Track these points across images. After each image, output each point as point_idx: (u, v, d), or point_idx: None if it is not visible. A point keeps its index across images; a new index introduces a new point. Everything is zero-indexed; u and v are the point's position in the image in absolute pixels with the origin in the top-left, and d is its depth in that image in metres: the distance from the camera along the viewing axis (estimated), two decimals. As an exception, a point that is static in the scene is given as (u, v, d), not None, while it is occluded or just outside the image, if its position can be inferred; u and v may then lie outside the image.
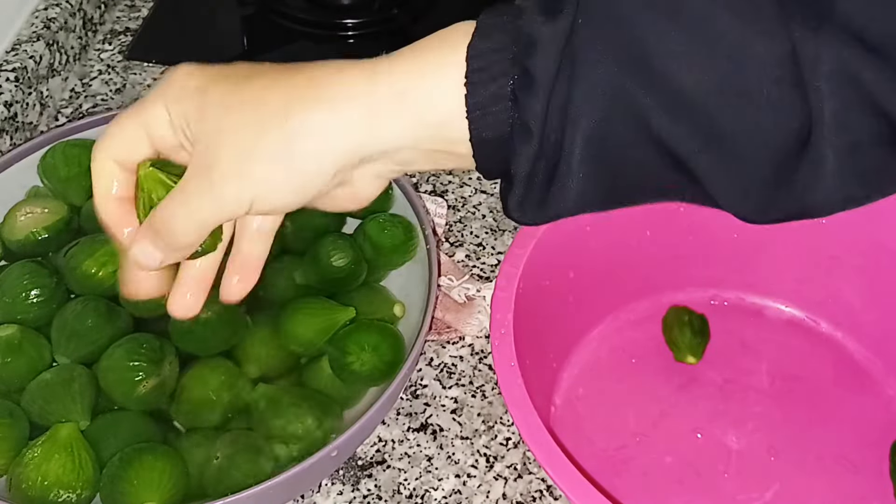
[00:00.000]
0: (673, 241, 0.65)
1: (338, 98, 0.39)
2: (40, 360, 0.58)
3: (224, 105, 0.40)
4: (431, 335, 0.66)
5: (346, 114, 0.39)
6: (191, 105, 0.41)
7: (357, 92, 0.39)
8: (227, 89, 0.40)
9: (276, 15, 0.91)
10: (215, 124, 0.40)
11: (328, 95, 0.39)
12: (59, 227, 0.64)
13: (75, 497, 0.52)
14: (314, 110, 0.39)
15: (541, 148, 0.36)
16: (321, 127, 0.39)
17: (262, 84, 0.40)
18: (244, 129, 0.39)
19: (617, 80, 0.35)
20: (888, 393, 0.64)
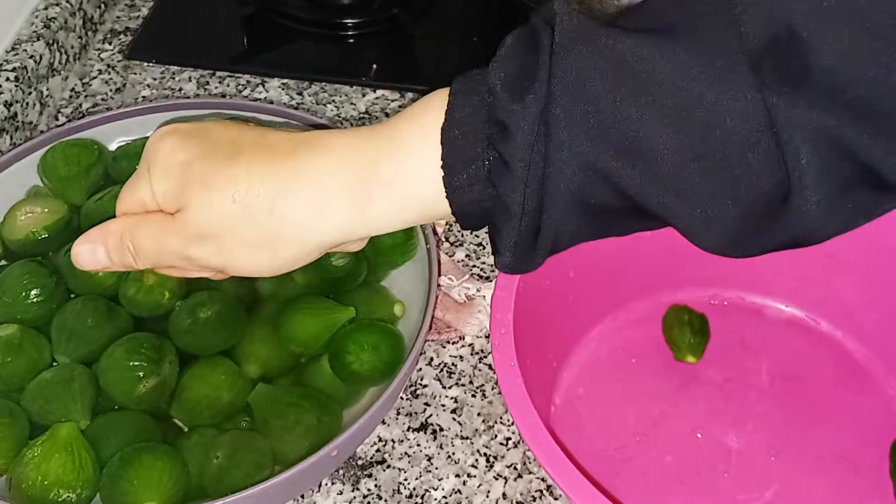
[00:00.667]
0: (673, 241, 0.64)
1: (323, 191, 0.40)
2: (40, 359, 0.58)
3: (209, 186, 0.41)
4: (431, 335, 0.66)
5: (332, 210, 0.40)
6: (176, 184, 0.42)
7: (342, 181, 0.40)
8: (211, 168, 0.41)
9: (276, 15, 0.91)
10: (202, 204, 0.41)
11: (313, 188, 0.40)
12: (59, 226, 0.64)
13: (75, 496, 0.52)
14: (299, 204, 0.40)
15: (521, 223, 0.38)
16: (306, 221, 0.40)
17: (246, 164, 0.41)
18: (230, 215, 0.40)
19: (592, 157, 0.36)
20: (888, 393, 0.64)
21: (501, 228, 0.39)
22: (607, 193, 0.37)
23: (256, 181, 0.40)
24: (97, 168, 0.68)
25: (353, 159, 0.40)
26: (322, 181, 0.40)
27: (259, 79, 0.85)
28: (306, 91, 0.84)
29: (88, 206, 0.65)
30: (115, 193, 0.65)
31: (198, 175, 0.41)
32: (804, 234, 0.37)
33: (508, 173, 0.37)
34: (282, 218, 0.40)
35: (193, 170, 0.41)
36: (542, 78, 0.36)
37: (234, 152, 0.41)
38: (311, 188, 0.40)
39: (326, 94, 0.84)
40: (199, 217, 0.41)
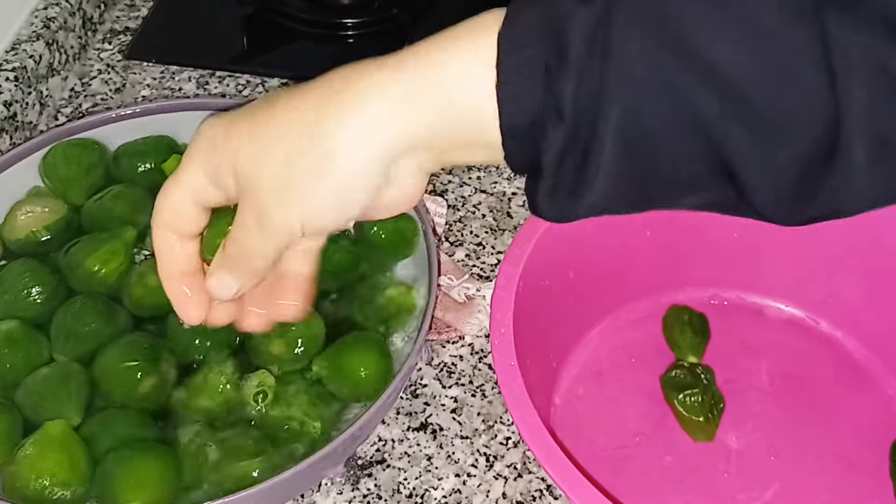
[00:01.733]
0: (673, 241, 0.65)
1: (365, 97, 0.38)
2: (38, 356, 0.58)
3: (252, 141, 0.39)
4: (431, 335, 0.66)
5: (376, 111, 0.38)
6: (222, 156, 0.40)
7: (384, 86, 0.38)
8: (252, 125, 0.40)
9: (276, 15, 0.91)
10: (251, 162, 0.39)
11: (355, 97, 0.38)
12: (59, 226, 0.64)
13: (70, 494, 0.52)
14: (342, 116, 0.38)
15: (572, 133, 0.35)
16: (352, 132, 0.38)
17: (286, 106, 0.39)
18: (277, 158, 0.39)
19: (652, 58, 0.34)
20: (888, 393, 0.64)
21: (549, 135, 0.36)
22: (665, 105, 0.34)
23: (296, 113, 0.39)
24: (98, 168, 0.68)
25: (400, 71, 0.38)
26: (363, 88, 0.38)
27: (259, 79, 0.85)
28: (306, 91, 0.84)
29: (89, 205, 0.66)
30: (115, 193, 0.65)
31: (241, 138, 0.39)
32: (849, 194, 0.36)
33: (565, 69, 0.34)
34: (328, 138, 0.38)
35: (235, 129, 0.40)
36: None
37: (274, 101, 0.40)
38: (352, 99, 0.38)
39: (326, 94, 0.84)
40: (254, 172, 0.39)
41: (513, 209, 0.74)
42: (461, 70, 0.37)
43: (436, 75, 0.38)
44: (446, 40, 0.38)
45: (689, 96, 0.34)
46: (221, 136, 0.41)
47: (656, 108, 0.35)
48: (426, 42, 0.39)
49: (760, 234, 0.64)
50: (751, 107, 0.34)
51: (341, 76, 0.40)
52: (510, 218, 0.74)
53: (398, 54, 0.39)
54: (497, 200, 0.75)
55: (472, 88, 0.37)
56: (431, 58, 0.38)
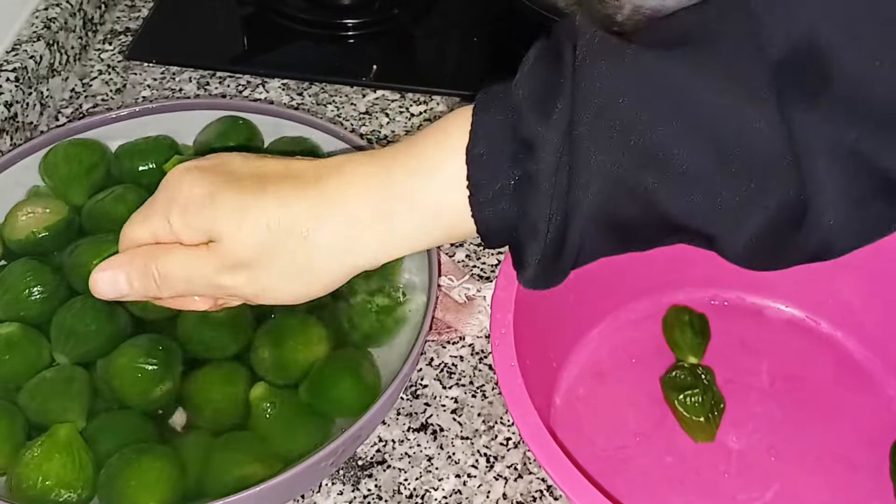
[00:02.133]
0: (673, 241, 0.65)
1: (353, 218, 0.40)
2: (39, 358, 0.58)
3: (240, 216, 0.41)
4: (431, 335, 0.66)
5: (364, 235, 0.41)
6: (200, 217, 0.42)
7: (371, 207, 0.40)
8: (239, 199, 0.41)
9: (276, 15, 0.92)
10: (236, 234, 0.41)
11: (343, 214, 0.41)
12: (59, 226, 0.64)
13: (76, 496, 0.52)
14: (331, 230, 0.40)
15: (546, 239, 0.38)
16: (339, 247, 0.41)
17: (273, 193, 0.41)
18: (264, 243, 0.41)
19: (618, 171, 0.36)
20: (888, 393, 0.64)
21: (526, 245, 0.39)
22: (634, 206, 0.37)
23: (288, 208, 0.40)
24: (99, 168, 0.68)
25: (379, 183, 0.40)
26: (352, 207, 0.40)
27: (259, 79, 0.85)
28: (306, 91, 0.84)
29: (90, 206, 0.66)
30: (116, 194, 0.65)
31: (226, 206, 0.41)
32: (822, 248, 0.37)
33: (534, 191, 0.37)
34: (315, 244, 0.40)
35: (219, 201, 0.41)
36: (565, 95, 0.36)
37: (259, 182, 0.41)
38: (341, 215, 0.40)
39: (326, 95, 0.84)
40: (233, 246, 0.41)
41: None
42: (438, 192, 0.40)
43: (416, 202, 0.40)
44: (420, 159, 0.40)
45: (656, 199, 0.36)
46: (201, 197, 0.42)
47: (625, 211, 0.37)
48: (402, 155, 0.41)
49: (760, 234, 0.64)
50: (718, 201, 0.36)
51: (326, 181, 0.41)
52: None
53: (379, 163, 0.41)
54: (497, 201, 0.75)
55: (450, 208, 0.40)
56: (410, 180, 0.40)
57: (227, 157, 0.44)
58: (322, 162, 0.42)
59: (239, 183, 0.41)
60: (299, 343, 0.58)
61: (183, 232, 0.42)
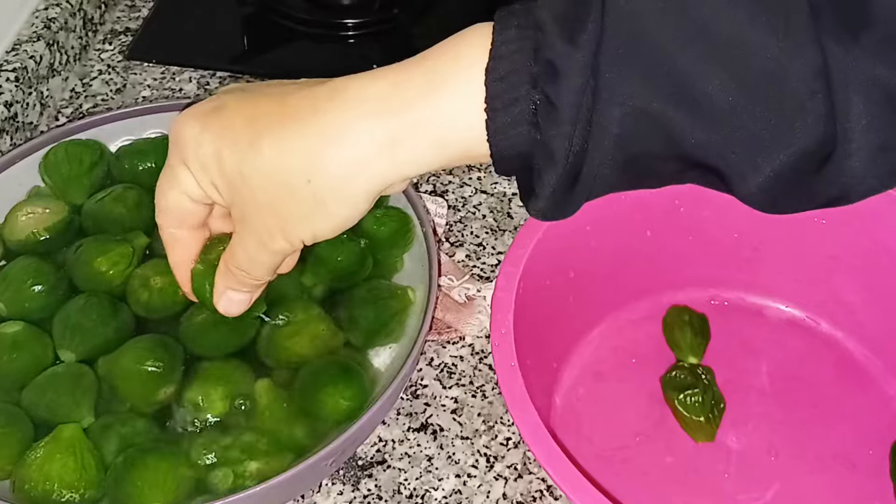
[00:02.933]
0: (673, 241, 0.65)
1: (359, 147, 0.39)
2: (44, 357, 0.58)
3: (248, 173, 0.40)
4: (431, 335, 0.66)
5: (372, 162, 0.39)
6: (214, 175, 0.42)
7: (377, 132, 0.39)
8: (241, 160, 0.41)
9: (276, 15, 0.91)
10: (246, 193, 0.41)
11: (347, 146, 0.39)
12: (60, 227, 0.64)
13: (79, 497, 0.52)
14: (336, 165, 0.39)
15: (564, 169, 0.36)
16: (348, 179, 0.39)
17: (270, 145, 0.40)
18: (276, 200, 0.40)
19: (643, 101, 0.34)
20: (888, 393, 0.64)
21: (543, 173, 0.37)
22: (655, 138, 0.35)
23: (288, 158, 0.39)
24: (99, 167, 0.68)
25: (386, 108, 0.38)
26: (356, 136, 0.38)
27: (259, 79, 0.85)
28: (306, 91, 0.84)
29: (90, 205, 0.66)
30: (116, 194, 0.65)
31: (234, 168, 0.40)
32: (840, 192, 0.36)
33: (556, 116, 0.35)
34: (321, 184, 0.39)
35: (226, 163, 0.41)
36: (594, 17, 0.34)
37: (256, 133, 0.40)
38: (345, 146, 0.39)
39: (326, 95, 0.84)
40: (253, 215, 0.41)
41: (513, 210, 0.74)
42: (450, 112, 0.38)
43: (426, 119, 0.38)
44: (431, 74, 0.38)
45: (680, 135, 0.35)
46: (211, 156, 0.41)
47: (647, 145, 0.36)
48: (410, 72, 0.39)
49: (760, 234, 0.64)
50: (746, 138, 0.35)
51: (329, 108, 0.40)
52: (510, 218, 0.74)
53: (383, 81, 0.39)
54: (497, 201, 0.75)
55: (463, 129, 0.38)
56: (419, 97, 0.38)
57: (224, 100, 0.42)
58: (320, 88, 0.40)
59: (235, 139, 0.40)
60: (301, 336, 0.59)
61: (214, 193, 0.43)
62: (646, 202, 0.62)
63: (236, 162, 0.40)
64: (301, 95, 0.40)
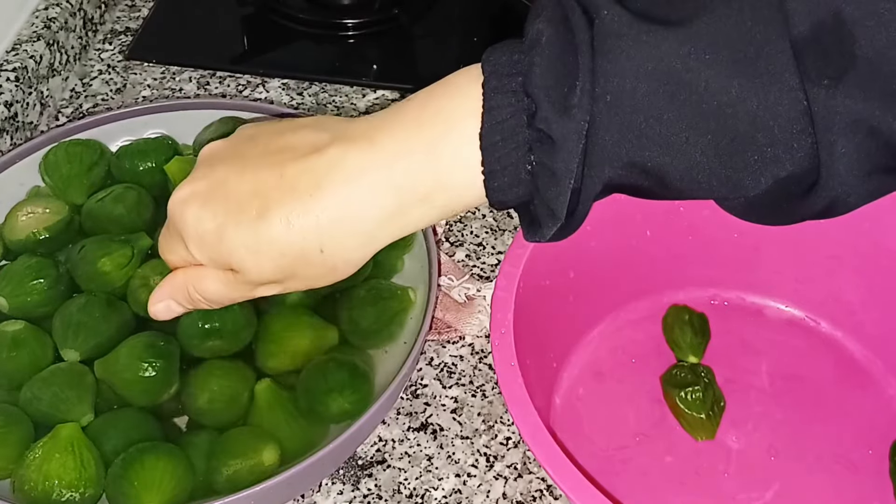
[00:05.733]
0: (673, 241, 0.65)
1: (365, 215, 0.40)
2: (44, 356, 0.58)
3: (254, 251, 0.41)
4: (431, 335, 0.66)
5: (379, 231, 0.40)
6: (216, 253, 0.42)
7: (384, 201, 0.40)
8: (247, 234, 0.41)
9: (276, 15, 0.92)
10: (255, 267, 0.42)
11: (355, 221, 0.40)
12: (59, 227, 0.64)
13: (79, 496, 0.52)
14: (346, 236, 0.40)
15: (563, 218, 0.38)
16: (357, 246, 0.41)
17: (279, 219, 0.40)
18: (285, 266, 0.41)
19: (635, 157, 0.36)
20: (888, 393, 0.64)
21: (542, 221, 0.39)
22: (646, 181, 0.37)
23: (298, 233, 0.40)
24: (99, 167, 0.68)
25: (387, 180, 0.39)
26: (360, 216, 0.40)
27: (259, 79, 0.85)
28: (306, 91, 0.84)
29: (90, 205, 0.66)
30: (116, 194, 0.65)
31: (237, 243, 0.41)
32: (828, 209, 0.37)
33: (554, 181, 0.36)
34: (334, 254, 0.41)
35: (229, 238, 0.41)
36: (585, 88, 0.35)
37: (262, 208, 0.40)
38: (354, 222, 0.40)
39: (326, 95, 0.84)
40: (257, 274, 0.42)
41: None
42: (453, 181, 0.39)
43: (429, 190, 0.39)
44: (432, 146, 0.39)
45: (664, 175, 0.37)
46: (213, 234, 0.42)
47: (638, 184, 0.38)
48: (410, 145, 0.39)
49: (760, 234, 0.64)
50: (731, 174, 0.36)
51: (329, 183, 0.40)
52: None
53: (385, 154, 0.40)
54: (497, 200, 0.75)
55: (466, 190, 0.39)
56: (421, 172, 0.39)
57: (220, 174, 0.43)
58: (318, 160, 0.40)
59: (240, 213, 0.41)
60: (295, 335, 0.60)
61: (208, 262, 0.43)
62: (646, 202, 0.62)
63: (244, 236, 0.41)
64: (300, 169, 0.40)
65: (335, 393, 0.56)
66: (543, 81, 0.36)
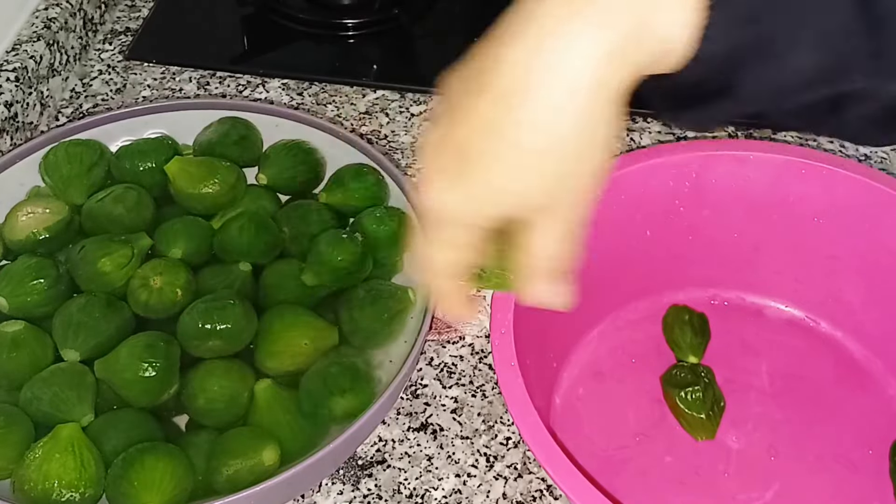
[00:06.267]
0: (673, 241, 0.65)
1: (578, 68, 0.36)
2: (44, 357, 0.58)
3: (500, 174, 0.38)
4: (431, 335, 0.66)
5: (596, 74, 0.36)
6: (478, 209, 0.40)
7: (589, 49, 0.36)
8: (503, 158, 0.38)
9: (276, 15, 0.92)
10: (516, 194, 0.39)
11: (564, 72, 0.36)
12: (59, 227, 0.64)
13: (79, 496, 0.52)
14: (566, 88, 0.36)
15: None
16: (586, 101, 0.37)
17: (512, 122, 0.38)
18: (539, 180, 0.38)
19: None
20: (888, 393, 0.64)
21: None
22: None
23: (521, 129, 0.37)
24: (99, 167, 0.68)
25: (595, 27, 0.36)
26: (567, 64, 0.36)
27: (259, 79, 0.85)
28: (306, 91, 0.84)
29: (90, 205, 0.66)
30: (116, 196, 0.65)
31: (505, 178, 0.39)
32: None
33: None
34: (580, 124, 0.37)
35: (495, 176, 0.39)
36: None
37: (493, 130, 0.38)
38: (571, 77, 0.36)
39: (326, 95, 0.84)
40: (532, 198, 0.39)
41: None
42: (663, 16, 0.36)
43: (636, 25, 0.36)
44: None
45: None
46: (460, 196, 0.39)
47: None
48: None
49: (760, 234, 0.64)
50: None
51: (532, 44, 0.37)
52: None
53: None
54: (497, 200, 0.75)
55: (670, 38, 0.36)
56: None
57: (450, 146, 0.40)
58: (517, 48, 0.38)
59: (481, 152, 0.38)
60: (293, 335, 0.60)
61: (472, 222, 0.41)
62: (646, 202, 0.62)
63: (503, 167, 0.38)
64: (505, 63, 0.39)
65: (338, 396, 0.56)
66: None
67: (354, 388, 0.57)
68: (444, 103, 0.41)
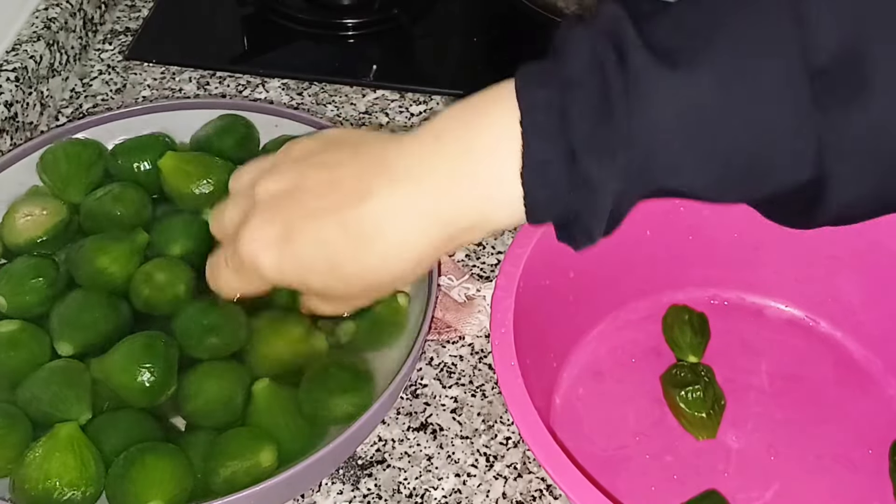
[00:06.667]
0: (673, 241, 0.65)
1: (415, 249, 0.42)
2: (41, 356, 0.58)
3: (320, 276, 0.43)
4: (431, 335, 0.66)
5: (427, 257, 0.42)
6: (288, 278, 0.44)
7: (430, 232, 0.41)
8: (304, 262, 0.43)
9: (276, 15, 0.92)
10: (321, 285, 0.44)
11: (407, 250, 0.42)
12: (58, 228, 0.64)
13: (80, 495, 0.52)
14: (400, 262, 0.42)
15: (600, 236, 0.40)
16: (407, 268, 0.42)
17: (349, 263, 0.42)
18: (330, 284, 0.44)
19: (666, 184, 0.38)
20: (888, 393, 0.64)
21: (577, 241, 0.41)
22: (671, 195, 0.39)
23: (328, 247, 0.42)
24: (97, 166, 0.68)
25: (436, 219, 0.41)
26: (414, 249, 0.41)
27: (259, 79, 0.85)
28: (306, 91, 0.84)
29: (88, 204, 0.66)
30: (115, 194, 0.65)
31: (313, 279, 0.44)
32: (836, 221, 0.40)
33: (593, 213, 0.38)
34: (393, 278, 0.43)
35: (306, 269, 0.43)
36: (622, 132, 0.36)
37: (330, 259, 0.42)
38: (405, 256, 0.42)
39: (326, 95, 0.84)
40: (315, 285, 0.44)
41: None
42: (495, 212, 0.40)
43: (472, 220, 0.41)
44: (475, 180, 0.40)
45: (687, 194, 0.39)
46: (288, 265, 0.43)
47: (656, 196, 0.40)
48: (454, 174, 0.40)
49: (760, 234, 0.64)
50: (735, 197, 0.40)
51: (372, 219, 0.41)
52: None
53: (435, 180, 0.41)
54: (497, 200, 0.75)
55: (506, 218, 0.40)
56: (464, 208, 0.40)
57: (284, 212, 0.44)
58: (369, 207, 0.41)
59: (300, 237, 0.42)
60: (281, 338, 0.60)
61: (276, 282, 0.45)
62: (646, 202, 0.62)
63: (318, 276, 0.43)
64: (357, 217, 0.42)
65: (338, 397, 0.56)
66: (580, 126, 0.36)
67: (354, 388, 0.57)
68: (302, 154, 0.45)
